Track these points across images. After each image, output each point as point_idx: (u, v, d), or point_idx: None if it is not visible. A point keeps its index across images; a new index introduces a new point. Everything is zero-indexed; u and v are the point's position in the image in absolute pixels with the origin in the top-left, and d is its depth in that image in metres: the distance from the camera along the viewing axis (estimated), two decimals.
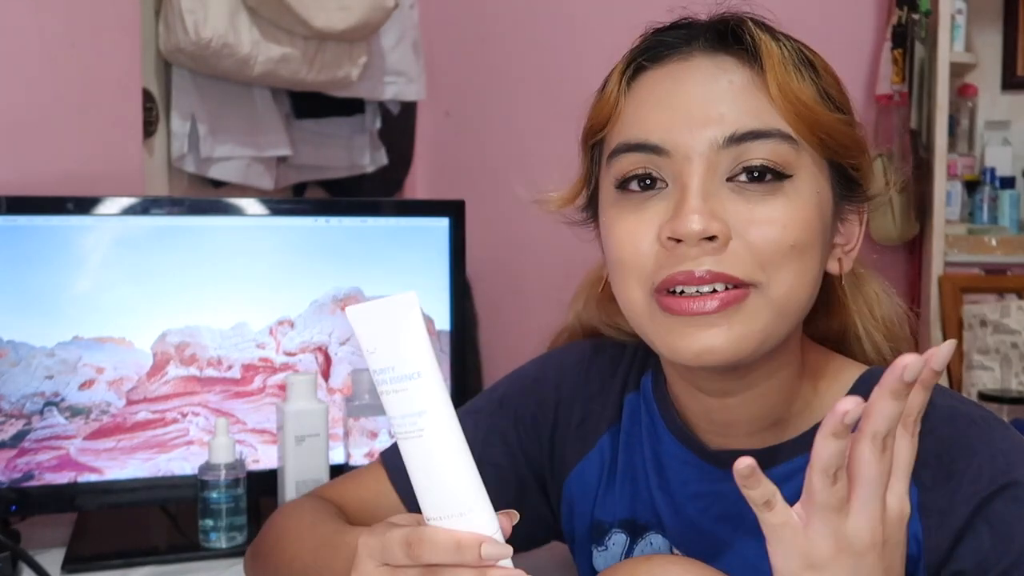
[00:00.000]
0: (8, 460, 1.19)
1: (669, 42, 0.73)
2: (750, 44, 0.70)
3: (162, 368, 1.24)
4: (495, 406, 0.92)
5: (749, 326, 0.68)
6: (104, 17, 1.51)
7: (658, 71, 0.72)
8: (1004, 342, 2.39)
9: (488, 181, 2.54)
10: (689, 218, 0.66)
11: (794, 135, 0.69)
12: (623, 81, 0.73)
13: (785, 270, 0.68)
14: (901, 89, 2.42)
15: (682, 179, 0.69)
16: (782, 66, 0.69)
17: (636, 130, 0.71)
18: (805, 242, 0.69)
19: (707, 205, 0.67)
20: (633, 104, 0.72)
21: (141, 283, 1.23)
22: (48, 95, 1.42)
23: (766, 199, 0.68)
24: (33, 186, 1.32)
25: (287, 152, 2.03)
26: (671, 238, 0.68)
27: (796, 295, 0.70)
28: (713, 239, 0.67)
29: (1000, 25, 2.67)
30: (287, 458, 1.17)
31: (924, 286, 2.47)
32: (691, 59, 0.72)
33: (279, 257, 1.28)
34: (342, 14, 1.83)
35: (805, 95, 0.69)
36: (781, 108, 0.69)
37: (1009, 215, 2.60)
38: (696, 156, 0.68)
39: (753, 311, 0.68)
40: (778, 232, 0.68)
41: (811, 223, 0.69)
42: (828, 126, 0.70)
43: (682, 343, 0.69)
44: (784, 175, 0.69)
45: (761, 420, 0.76)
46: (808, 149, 0.70)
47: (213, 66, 1.75)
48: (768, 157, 0.68)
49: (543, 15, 2.56)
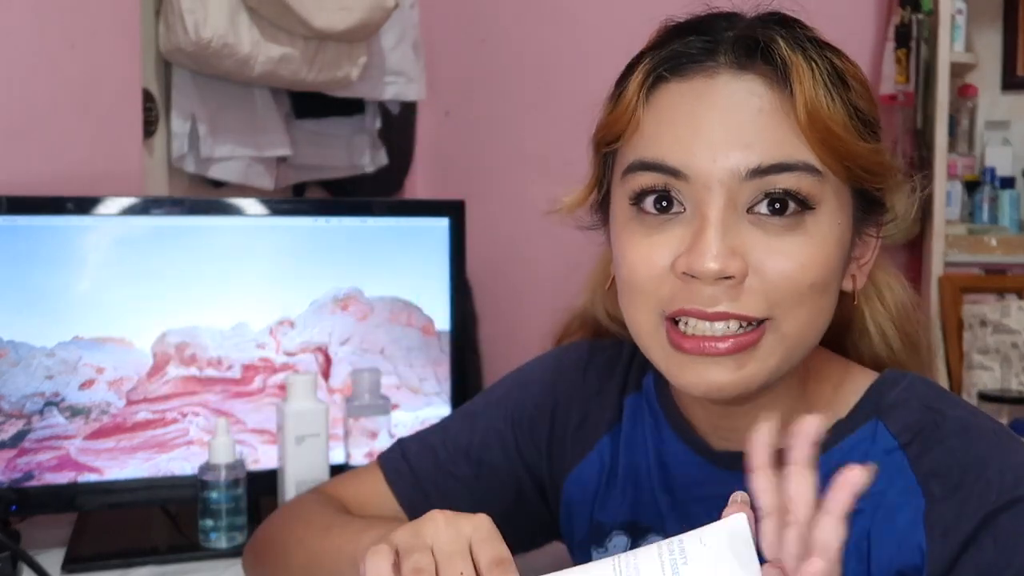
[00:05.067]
0: (8, 460, 1.19)
1: (693, 54, 0.69)
2: (780, 64, 0.67)
3: (162, 368, 1.24)
4: (492, 408, 0.92)
5: (760, 365, 0.68)
6: (104, 17, 1.51)
7: (681, 85, 0.69)
8: (1004, 342, 2.39)
9: (488, 181, 2.54)
10: (707, 256, 0.65)
11: (819, 166, 0.67)
12: (642, 92, 0.70)
13: (800, 308, 0.67)
14: (906, 89, 2.42)
15: (701, 208, 0.67)
16: (813, 90, 0.66)
17: (656, 149, 0.69)
18: (824, 281, 0.68)
19: (726, 242, 0.65)
20: (653, 119, 0.70)
21: (141, 283, 1.23)
22: (48, 95, 1.42)
23: (786, 234, 0.67)
24: (33, 186, 1.32)
25: (287, 152, 2.03)
26: (686, 273, 0.66)
27: (809, 332, 0.69)
28: (730, 278, 0.66)
29: (1000, 25, 2.66)
30: (287, 458, 1.17)
31: (924, 286, 2.46)
32: (717, 76, 0.68)
33: (279, 257, 1.28)
34: (342, 14, 1.83)
35: (835, 121, 0.66)
36: (809, 138, 0.66)
37: (1009, 215, 2.60)
38: (716, 185, 0.66)
39: (766, 351, 0.68)
40: (797, 270, 0.66)
41: (830, 260, 0.68)
42: (856, 155, 0.68)
43: (689, 378, 0.69)
44: (807, 206, 0.67)
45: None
46: (832, 179, 0.68)
47: (213, 66, 1.75)
48: (791, 188, 0.66)
49: (543, 15, 2.56)
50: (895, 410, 0.72)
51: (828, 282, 0.68)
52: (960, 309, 2.45)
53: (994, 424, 0.72)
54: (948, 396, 0.74)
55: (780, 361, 0.69)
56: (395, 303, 1.32)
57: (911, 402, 0.72)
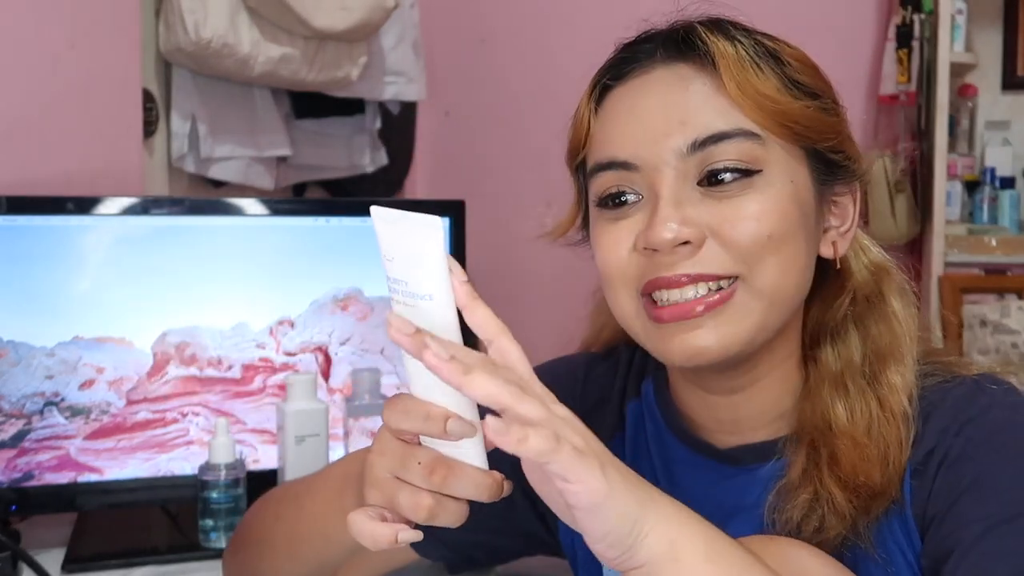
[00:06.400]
0: (8, 460, 1.19)
1: (632, 57, 0.75)
2: (702, 48, 0.71)
3: (162, 368, 1.24)
4: None
5: (738, 323, 0.70)
6: (104, 17, 1.51)
7: (622, 88, 0.74)
8: (1004, 342, 2.39)
9: (488, 181, 2.54)
10: (661, 227, 0.69)
11: (758, 131, 0.70)
12: (591, 102, 0.76)
13: (766, 261, 0.70)
14: (907, 89, 2.42)
15: (654, 189, 0.71)
16: (738, 64, 0.70)
17: (607, 149, 0.73)
18: (783, 232, 0.70)
19: (678, 212, 0.69)
20: (601, 123, 0.75)
21: (141, 283, 1.23)
22: (48, 95, 1.42)
23: (737, 197, 0.70)
24: (33, 186, 1.32)
25: (287, 152, 2.03)
26: (647, 248, 0.70)
27: (783, 284, 0.71)
28: (687, 244, 0.69)
29: (1000, 25, 2.66)
30: (287, 458, 1.17)
31: (924, 286, 2.46)
32: (652, 72, 0.73)
33: (279, 257, 1.28)
34: (342, 14, 1.83)
35: (767, 88, 0.70)
36: (743, 106, 0.70)
37: (1009, 215, 2.60)
38: (664, 166, 0.70)
39: (741, 307, 0.70)
40: (753, 226, 0.69)
41: (787, 213, 0.70)
42: (795, 115, 0.71)
43: (673, 346, 0.70)
44: (752, 171, 0.70)
45: (768, 413, 0.76)
46: (777, 141, 0.71)
47: (213, 66, 1.75)
48: (733, 157, 0.70)
49: (543, 15, 2.56)
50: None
51: (788, 234, 0.70)
52: (960, 309, 2.45)
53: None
54: (1000, 386, 0.73)
55: (760, 318, 0.70)
56: None
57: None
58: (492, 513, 0.89)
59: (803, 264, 0.72)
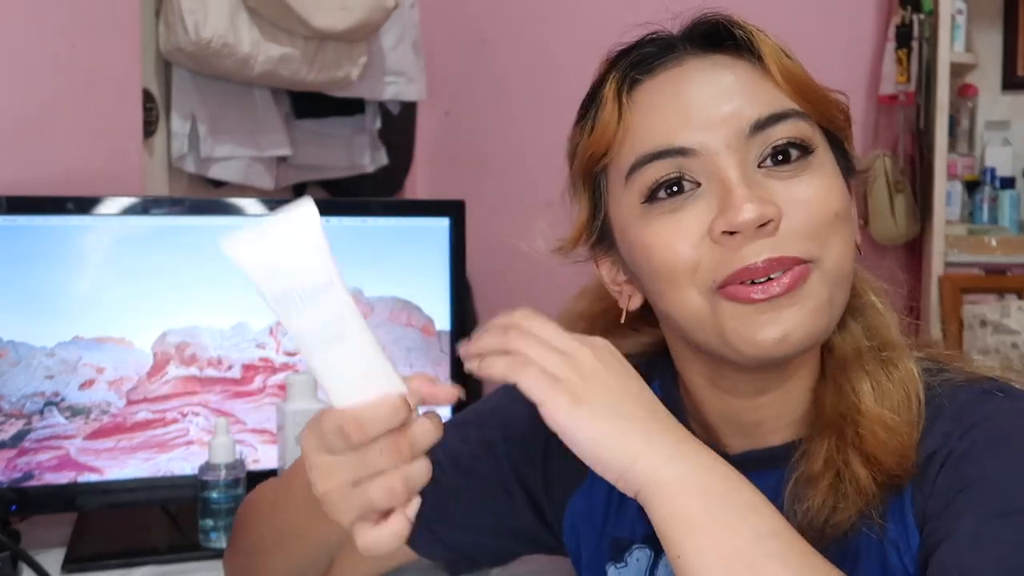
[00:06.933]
0: (8, 460, 1.19)
1: (655, 53, 0.73)
2: (743, 38, 0.71)
3: (162, 368, 1.24)
4: (485, 418, 0.91)
5: (816, 301, 0.69)
6: (104, 17, 1.51)
7: (653, 81, 0.73)
8: (1004, 342, 2.39)
9: (488, 181, 2.54)
10: (743, 208, 0.66)
11: (806, 111, 0.71)
12: (622, 97, 0.72)
13: (834, 239, 0.69)
14: (906, 89, 2.42)
15: (719, 175, 0.68)
16: (776, 51, 0.71)
17: (655, 138, 0.70)
18: (844, 208, 0.71)
19: (754, 192, 0.67)
20: (641, 115, 0.72)
21: (141, 283, 1.23)
22: (48, 95, 1.42)
23: (800, 176, 0.69)
24: (33, 186, 1.32)
25: (287, 152, 2.03)
26: (726, 232, 0.67)
27: (846, 262, 0.71)
28: (767, 224, 0.67)
29: (1000, 25, 2.66)
30: (287, 458, 1.17)
31: (924, 286, 2.46)
32: (684, 64, 0.72)
33: None
34: (342, 14, 1.83)
35: (802, 74, 0.71)
36: (787, 90, 0.71)
37: (1009, 215, 2.60)
38: (724, 149, 0.69)
39: (816, 286, 0.69)
40: (822, 203, 0.69)
41: (843, 190, 0.72)
42: (827, 100, 0.73)
43: (761, 333, 0.68)
44: (809, 149, 0.70)
45: (788, 416, 0.75)
46: (816, 125, 0.72)
47: (213, 66, 1.75)
48: (791, 135, 0.70)
49: (543, 15, 2.56)
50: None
51: (848, 210, 0.71)
52: (960, 309, 2.45)
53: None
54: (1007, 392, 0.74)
55: (830, 296, 0.70)
56: (395, 303, 1.32)
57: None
58: (492, 514, 0.89)
59: (854, 242, 0.73)
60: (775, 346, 0.68)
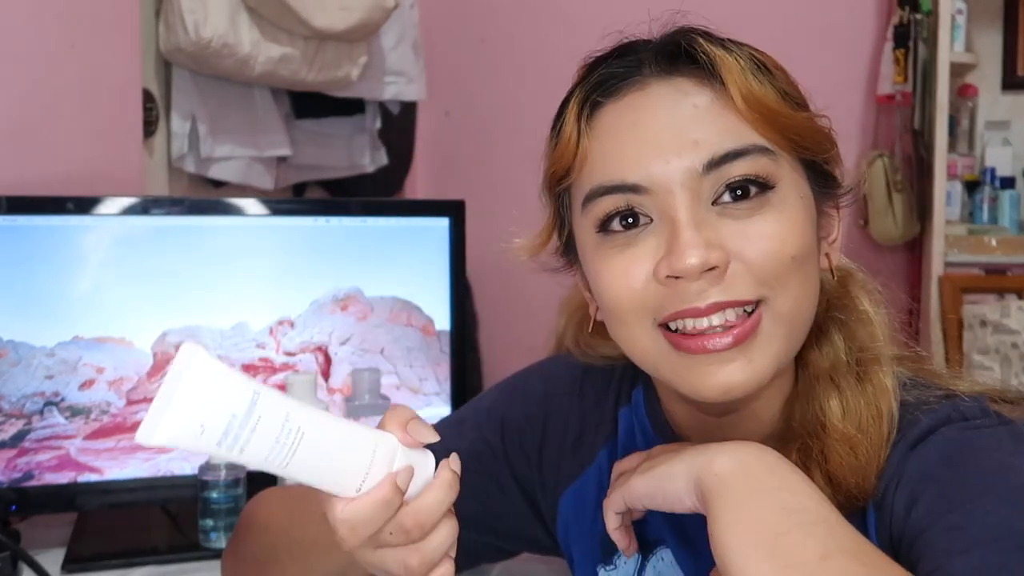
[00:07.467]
0: (8, 460, 1.19)
1: (620, 72, 0.70)
2: (705, 61, 0.68)
3: (162, 368, 1.24)
4: (482, 416, 0.91)
5: (766, 352, 0.67)
6: (104, 17, 1.51)
7: (616, 104, 0.70)
8: (1004, 342, 2.39)
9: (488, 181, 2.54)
10: (686, 253, 0.64)
11: (770, 145, 0.67)
12: (581, 121, 0.70)
13: (789, 283, 0.67)
14: (903, 89, 2.42)
15: (668, 213, 0.66)
16: (742, 76, 0.67)
17: (609, 171, 0.68)
18: (804, 251, 0.67)
19: (701, 235, 0.65)
20: (598, 144, 0.70)
21: (141, 283, 1.23)
22: (48, 95, 1.42)
23: (756, 215, 0.66)
24: (33, 186, 1.32)
25: (287, 152, 2.03)
26: (670, 276, 0.66)
27: (803, 307, 0.68)
28: (713, 269, 0.65)
29: (1000, 25, 2.66)
30: None
31: (924, 286, 2.46)
32: (647, 87, 0.69)
33: (279, 257, 1.28)
34: (342, 14, 1.83)
35: (769, 100, 0.67)
36: (751, 120, 0.67)
37: (1009, 215, 2.59)
38: (678, 188, 0.66)
39: (767, 335, 0.67)
40: (776, 246, 0.66)
41: (805, 231, 0.68)
42: (797, 127, 0.68)
43: (706, 383, 0.67)
44: (768, 186, 0.67)
45: (759, 431, 0.75)
46: (785, 155, 0.68)
47: (213, 66, 1.75)
48: (749, 173, 0.66)
49: (543, 15, 2.56)
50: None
51: (807, 254, 0.68)
52: (960, 309, 2.45)
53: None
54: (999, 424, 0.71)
55: (782, 344, 0.68)
56: (395, 303, 1.32)
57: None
58: (490, 512, 0.89)
59: (816, 284, 0.70)
60: (720, 395, 0.67)
